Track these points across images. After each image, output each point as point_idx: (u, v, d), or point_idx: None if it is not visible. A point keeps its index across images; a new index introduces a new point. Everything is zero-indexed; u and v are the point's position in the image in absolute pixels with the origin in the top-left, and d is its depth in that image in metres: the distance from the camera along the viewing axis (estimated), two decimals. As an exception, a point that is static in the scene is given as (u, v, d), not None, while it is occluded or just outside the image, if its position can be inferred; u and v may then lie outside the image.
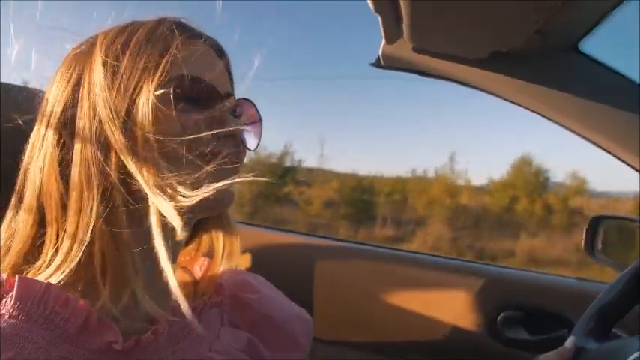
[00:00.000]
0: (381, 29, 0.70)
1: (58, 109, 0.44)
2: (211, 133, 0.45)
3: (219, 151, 0.46)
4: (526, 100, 0.77)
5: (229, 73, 0.54)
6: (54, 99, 0.45)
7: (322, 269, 1.11)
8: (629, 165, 0.77)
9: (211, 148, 0.46)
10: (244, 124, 0.51)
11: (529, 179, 9.99)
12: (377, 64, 0.83)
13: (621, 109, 0.74)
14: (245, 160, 0.53)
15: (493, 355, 1.01)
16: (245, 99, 0.53)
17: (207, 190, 0.43)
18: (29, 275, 0.42)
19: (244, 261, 1.11)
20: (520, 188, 9.89)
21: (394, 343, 1.05)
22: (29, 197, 0.44)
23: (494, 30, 0.64)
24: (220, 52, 0.52)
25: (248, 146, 0.52)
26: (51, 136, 0.44)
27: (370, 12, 0.64)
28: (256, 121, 0.54)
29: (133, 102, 0.43)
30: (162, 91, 0.43)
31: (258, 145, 0.54)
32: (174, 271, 0.53)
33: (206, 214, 0.53)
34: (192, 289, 0.58)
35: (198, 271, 0.60)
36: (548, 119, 0.76)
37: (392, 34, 0.72)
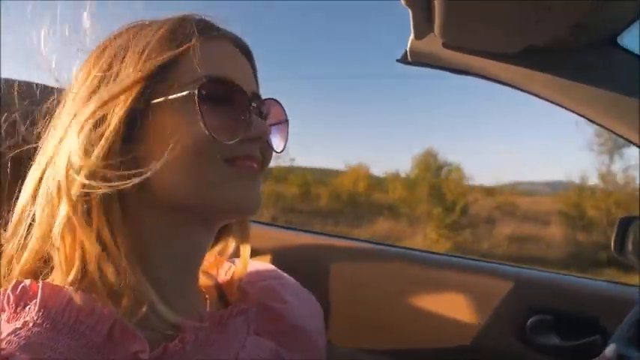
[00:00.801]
0: (411, 24, 0.69)
1: (85, 108, 0.42)
2: (240, 137, 0.43)
3: (246, 154, 0.46)
4: (559, 96, 0.74)
5: (254, 72, 0.52)
6: (77, 97, 0.44)
7: (338, 270, 1.09)
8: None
9: (238, 150, 0.45)
10: (271, 125, 0.50)
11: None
12: (404, 59, 0.81)
13: None
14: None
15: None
16: (272, 99, 0.52)
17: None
18: (48, 280, 0.40)
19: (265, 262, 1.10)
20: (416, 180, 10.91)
21: (415, 348, 1.03)
22: (45, 195, 0.42)
23: (531, 24, 0.62)
24: (245, 51, 0.51)
25: (275, 148, 0.51)
26: (74, 133, 0.42)
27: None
28: (283, 122, 0.53)
29: (149, 103, 0.42)
30: (186, 92, 0.42)
31: (284, 147, 0.52)
32: (199, 276, 0.53)
33: (232, 218, 0.52)
34: (217, 294, 0.57)
35: (223, 275, 0.59)
36: (583, 116, 0.73)
37: (422, 28, 0.70)
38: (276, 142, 0.51)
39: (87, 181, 0.39)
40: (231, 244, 0.58)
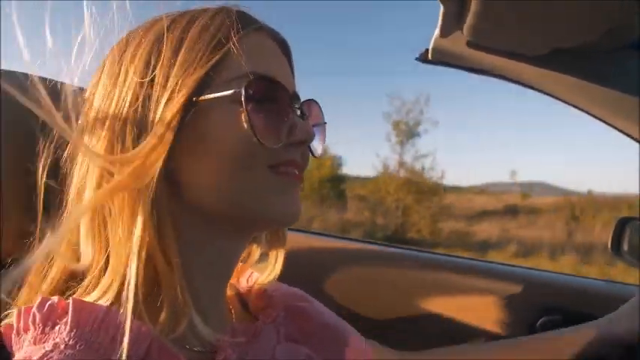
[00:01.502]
0: (439, 20, 0.66)
1: (109, 109, 0.39)
2: (292, 140, 0.41)
3: (289, 159, 0.43)
4: (582, 100, 0.73)
5: (292, 70, 0.49)
6: (102, 99, 0.40)
7: (357, 274, 1.07)
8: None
9: (281, 155, 0.42)
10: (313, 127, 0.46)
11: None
12: (424, 57, 0.79)
13: None
14: None
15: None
16: (311, 100, 0.49)
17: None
18: (76, 296, 0.38)
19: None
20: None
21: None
22: (68, 214, 0.40)
23: (561, 26, 0.60)
24: (284, 46, 0.48)
25: (314, 152, 0.48)
26: (101, 141, 0.39)
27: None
28: (321, 124, 0.50)
29: (192, 103, 0.38)
30: (231, 91, 0.38)
31: (322, 151, 0.50)
32: (226, 292, 0.50)
33: (272, 228, 0.50)
34: (239, 303, 0.54)
35: (244, 283, 0.56)
36: (609, 124, 0.73)
37: (449, 25, 0.68)
38: (315, 145, 0.48)
39: (127, 187, 0.36)
40: (257, 251, 0.55)
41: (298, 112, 0.45)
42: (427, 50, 0.77)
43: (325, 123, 0.50)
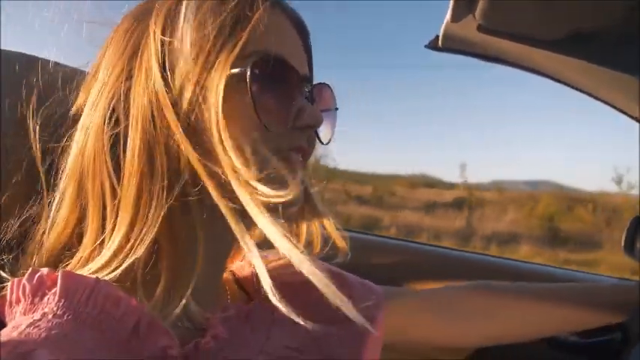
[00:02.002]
0: (450, 4, 0.63)
1: (112, 79, 0.39)
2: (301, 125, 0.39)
3: (295, 145, 0.41)
4: (601, 88, 0.70)
5: (308, 53, 0.47)
6: (106, 70, 0.39)
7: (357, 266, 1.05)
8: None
9: (286, 140, 0.39)
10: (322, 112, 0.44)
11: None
12: (433, 45, 0.76)
13: None
14: None
15: (541, 359, 0.96)
16: (324, 84, 0.46)
17: (289, 191, 0.38)
18: (69, 268, 0.38)
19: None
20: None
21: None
22: (68, 180, 0.40)
23: (585, 5, 0.57)
24: (301, 27, 0.45)
25: (322, 139, 0.46)
26: (101, 110, 0.39)
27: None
28: (332, 109, 0.47)
29: (198, 82, 0.36)
30: (238, 70, 0.36)
31: (331, 138, 0.47)
32: (224, 271, 0.50)
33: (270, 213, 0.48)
34: (236, 287, 0.53)
35: (240, 268, 0.55)
36: (629, 115, 0.70)
37: (461, 10, 0.65)
38: (324, 132, 0.46)
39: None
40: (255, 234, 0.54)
41: (309, 96, 0.43)
42: (437, 37, 0.74)
43: (337, 109, 0.48)
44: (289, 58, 0.40)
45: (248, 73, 0.36)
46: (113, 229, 0.38)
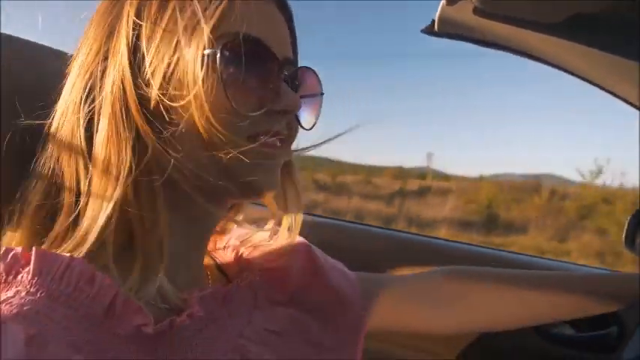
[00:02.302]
0: (446, -15, 0.62)
1: (89, 59, 0.39)
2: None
3: (270, 129, 0.41)
4: (604, 77, 0.68)
5: (292, 34, 0.46)
6: (85, 50, 0.40)
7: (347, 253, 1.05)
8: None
9: (262, 124, 0.40)
10: (302, 97, 0.44)
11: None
12: (429, 30, 0.74)
13: None
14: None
15: (537, 353, 0.95)
16: (307, 67, 0.46)
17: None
18: (44, 247, 0.38)
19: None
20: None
21: (428, 337, 0.99)
22: (44, 160, 0.40)
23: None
24: (283, 7, 0.44)
25: (303, 124, 0.45)
26: (78, 90, 0.39)
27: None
28: (316, 94, 0.47)
29: (170, 63, 0.37)
30: (208, 51, 0.36)
31: (315, 123, 0.47)
32: (204, 255, 0.51)
33: (248, 200, 0.48)
34: (217, 272, 0.54)
35: (222, 253, 0.55)
36: (627, 101, 0.68)
37: (457, -8, 0.63)
38: (306, 117, 0.46)
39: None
40: (233, 223, 0.55)
41: (289, 80, 0.42)
42: (433, 21, 0.73)
43: (322, 94, 0.47)
44: (267, 41, 0.39)
45: (218, 54, 0.36)
46: (86, 207, 0.38)
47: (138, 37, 0.37)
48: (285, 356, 0.48)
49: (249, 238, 0.55)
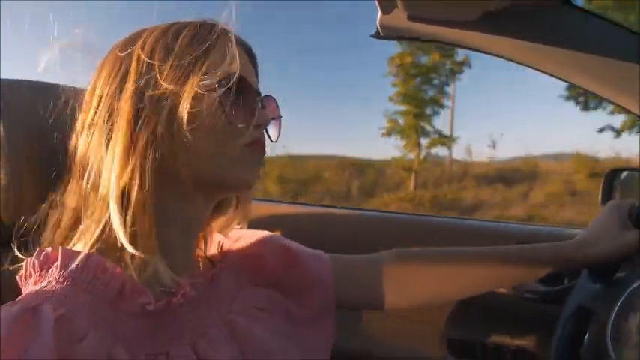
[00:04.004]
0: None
1: (110, 93, 0.48)
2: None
3: (256, 138, 0.53)
4: (521, 56, 0.80)
5: (256, 71, 0.60)
6: (104, 86, 0.48)
7: (338, 239, 1.17)
8: (629, 110, 0.79)
9: (251, 135, 0.51)
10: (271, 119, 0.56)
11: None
12: (377, 35, 0.88)
13: (618, 58, 0.76)
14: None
15: (510, 310, 1.05)
16: (269, 95, 0.58)
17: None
18: (69, 246, 0.46)
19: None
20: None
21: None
22: (74, 173, 0.49)
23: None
24: (250, 54, 0.59)
25: (271, 137, 0.58)
26: (101, 115, 0.47)
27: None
28: (277, 117, 0.60)
29: (175, 94, 0.46)
30: (208, 81, 0.47)
31: (278, 137, 0.60)
32: (196, 246, 0.60)
33: (238, 191, 0.59)
34: (209, 263, 0.61)
35: (212, 248, 0.63)
36: (547, 73, 0.80)
37: (387, 4, 0.77)
38: (273, 132, 0.59)
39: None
40: (233, 221, 0.63)
41: (259, 105, 0.54)
42: (377, 29, 0.87)
43: (281, 117, 0.60)
44: (245, 75, 0.51)
45: (216, 86, 0.47)
46: (97, 212, 0.46)
47: (147, 73, 0.46)
48: (269, 328, 0.56)
49: (227, 230, 0.63)
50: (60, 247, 0.44)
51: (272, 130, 0.58)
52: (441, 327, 1.13)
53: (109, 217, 0.44)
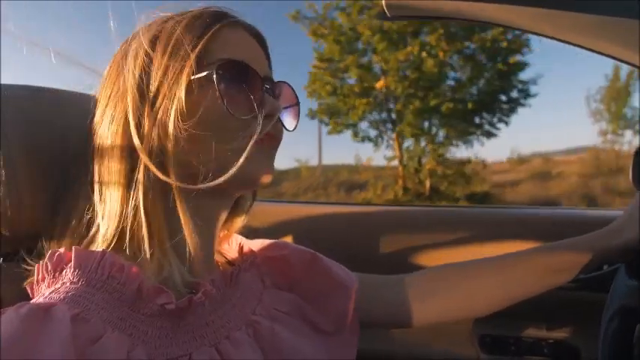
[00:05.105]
0: (380, -26, 0.72)
1: (116, 98, 0.47)
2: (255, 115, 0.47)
3: (261, 129, 0.48)
4: (545, 27, 0.75)
5: (268, 57, 0.56)
6: (109, 90, 0.48)
7: (346, 236, 1.12)
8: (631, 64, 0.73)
9: (255, 127, 0.47)
10: (285, 107, 0.54)
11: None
12: (382, 15, 0.84)
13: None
14: None
15: (545, 300, 0.98)
16: (283, 82, 0.55)
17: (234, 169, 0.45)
18: (82, 247, 0.45)
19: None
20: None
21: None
22: (87, 177, 0.48)
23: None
24: (259, 38, 0.55)
25: (287, 127, 0.54)
26: (112, 121, 0.47)
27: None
28: (294, 104, 0.56)
29: (175, 87, 0.45)
30: (205, 73, 0.45)
31: (296, 126, 0.56)
32: (215, 247, 0.57)
33: (249, 189, 0.57)
34: (228, 265, 0.60)
35: (230, 249, 0.62)
36: (555, 39, 0.74)
37: (391, -21, 0.73)
38: (289, 121, 0.55)
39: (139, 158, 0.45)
40: (240, 220, 0.62)
41: (270, 92, 0.51)
42: (383, 9, 0.82)
43: (298, 103, 0.57)
44: (249, 62, 0.48)
45: (214, 74, 0.45)
46: (110, 212, 0.46)
47: (147, 66, 0.46)
48: (292, 331, 0.55)
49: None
50: (73, 248, 0.43)
51: (288, 118, 0.55)
52: (469, 323, 1.06)
53: (123, 219, 0.44)
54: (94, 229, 0.47)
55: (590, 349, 0.97)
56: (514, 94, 9.12)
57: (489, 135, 9.45)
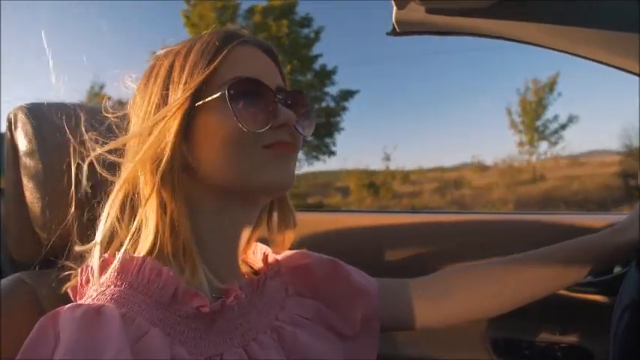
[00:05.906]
0: (391, -5, 0.76)
1: (145, 119, 0.51)
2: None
3: (278, 139, 0.52)
4: (532, 36, 0.79)
5: (280, 69, 0.59)
6: (145, 107, 0.52)
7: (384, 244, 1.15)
8: (629, 71, 0.76)
9: (271, 137, 0.51)
10: (297, 114, 0.55)
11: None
12: (393, 32, 0.88)
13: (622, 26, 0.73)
14: None
15: (558, 304, 1.00)
16: (296, 90, 0.57)
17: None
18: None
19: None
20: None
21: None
22: (120, 188, 0.50)
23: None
24: (269, 52, 0.58)
25: (303, 134, 0.56)
26: (139, 132, 0.51)
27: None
28: (309, 111, 0.59)
29: (194, 107, 0.49)
30: (219, 94, 0.49)
31: (312, 133, 0.59)
32: (240, 256, 0.60)
33: (269, 196, 0.58)
34: (252, 273, 0.63)
35: (254, 257, 0.65)
36: (554, 49, 0.78)
37: (401, -1, 0.77)
38: (304, 128, 0.57)
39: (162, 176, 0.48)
40: (257, 232, 0.64)
41: (283, 102, 0.53)
42: (394, 25, 0.87)
43: (313, 109, 0.59)
44: (261, 77, 0.51)
45: (226, 93, 0.48)
46: (148, 222, 0.49)
47: (167, 89, 0.50)
48: (314, 337, 0.57)
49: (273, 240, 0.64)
50: (116, 253, 0.47)
51: (305, 124, 0.57)
52: (482, 327, 1.08)
53: (158, 229, 0.48)
54: (131, 237, 0.49)
55: (603, 352, 0.97)
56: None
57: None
